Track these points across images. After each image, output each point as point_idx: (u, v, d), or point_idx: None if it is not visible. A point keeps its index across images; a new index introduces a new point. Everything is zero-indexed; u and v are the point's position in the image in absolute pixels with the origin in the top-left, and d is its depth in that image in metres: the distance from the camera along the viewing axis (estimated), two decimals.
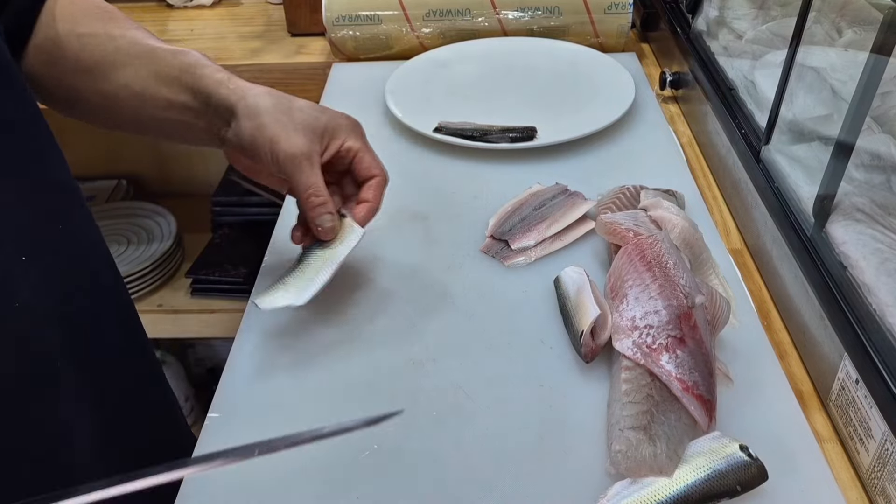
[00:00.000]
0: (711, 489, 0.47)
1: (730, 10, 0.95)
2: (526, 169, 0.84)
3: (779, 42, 0.84)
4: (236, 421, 0.57)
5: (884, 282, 0.53)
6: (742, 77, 0.84)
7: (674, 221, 0.65)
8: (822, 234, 0.60)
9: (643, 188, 0.75)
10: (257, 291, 0.65)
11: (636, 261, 0.59)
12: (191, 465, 0.44)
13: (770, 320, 0.67)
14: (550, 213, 0.73)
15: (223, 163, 1.58)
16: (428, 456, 0.53)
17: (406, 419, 0.55)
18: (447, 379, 0.59)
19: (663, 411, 0.50)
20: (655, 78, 1.04)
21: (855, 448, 0.53)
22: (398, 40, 1.10)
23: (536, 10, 1.09)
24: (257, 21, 1.32)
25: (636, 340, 0.54)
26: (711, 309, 0.57)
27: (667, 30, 1.07)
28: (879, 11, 0.55)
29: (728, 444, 0.49)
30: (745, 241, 0.76)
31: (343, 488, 0.51)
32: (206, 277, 1.39)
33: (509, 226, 0.72)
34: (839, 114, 0.59)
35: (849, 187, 0.62)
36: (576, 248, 0.72)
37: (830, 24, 0.81)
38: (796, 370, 0.62)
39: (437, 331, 0.62)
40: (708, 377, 0.52)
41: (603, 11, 1.08)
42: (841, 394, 0.55)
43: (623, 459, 0.49)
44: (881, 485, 0.50)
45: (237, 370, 0.61)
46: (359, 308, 0.66)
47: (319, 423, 0.55)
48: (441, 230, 0.75)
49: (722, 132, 0.83)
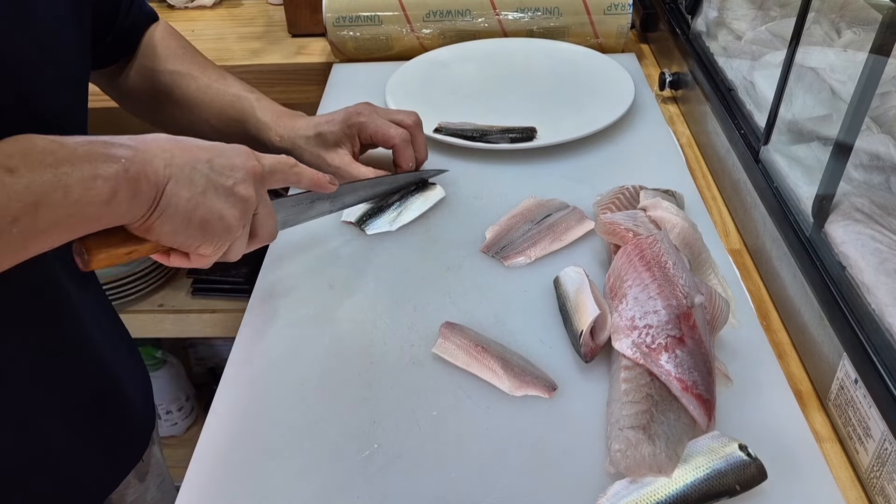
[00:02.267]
0: (711, 488, 0.47)
1: (729, 10, 0.96)
2: (526, 169, 0.84)
3: (778, 42, 0.84)
4: (237, 420, 0.57)
5: (883, 281, 0.53)
6: (741, 77, 0.84)
7: (673, 221, 0.65)
8: (821, 234, 0.60)
9: (643, 188, 0.75)
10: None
11: (635, 261, 0.59)
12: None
13: (769, 320, 0.67)
14: (548, 233, 0.72)
15: None
16: (428, 456, 0.53)
17: (406, 419, 0.56)
18: (447, 379, 0.59)
19: (663, 411, 0.50)
20: (655, 78, 1.04)
21: (854, 448, 0.53)
22: (398, 41, 1.10)
23: (536, 11, 1.09)
24: (258, 22, 1.32)
25: (636, 340, 0.54)
26: (711, 309, 0.57)
27: (666, 30, 1.08)
28: (878, 12, 0.55)
29: (727, 443, 0.49)
30: (745, 241, 0.76)
31: (343, 488, 0.51)
32: (207, 277, 1.39)
33: (506, 241, 0.72)
34: (838, 114, 0.59)
35: (848, 187, 0.62)
36: (575, 248, 0.72)
37: (829, 25, 0.81)
38: (795, 370, 0.62)
39: (437, 331, 0.62)
40: (707, 377, 0.52)
41: (602, 12, 1.08)
42: (840, 393, 0.55)
43: (622, 459, 0.49)
44: (880, 484, 0.50)
45: (238, 369, 0.61)
46: (359, 308, 0.66)
47: (319, 423, 0.56)
48: (441, 230, 0.75)
49: (721, 132, 0.83)
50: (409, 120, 0.78)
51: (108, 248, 0.50)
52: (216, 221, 0.52)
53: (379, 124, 0.77)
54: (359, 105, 0.79)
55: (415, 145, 0.79)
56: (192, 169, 0.50)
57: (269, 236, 0.59)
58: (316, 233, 0.75)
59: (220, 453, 0.54)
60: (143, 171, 0.47)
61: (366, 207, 0.76)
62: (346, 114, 0.77)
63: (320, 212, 0.69)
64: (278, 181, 0.59)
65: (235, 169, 0.53)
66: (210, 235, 0.52)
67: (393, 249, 0.73)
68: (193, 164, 0.51)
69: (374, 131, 0.77)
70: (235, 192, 0.53)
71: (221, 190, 0.52)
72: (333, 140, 0.77)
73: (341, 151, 0.77)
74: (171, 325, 1.39)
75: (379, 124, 0.77)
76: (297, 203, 0.67)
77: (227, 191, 0.52)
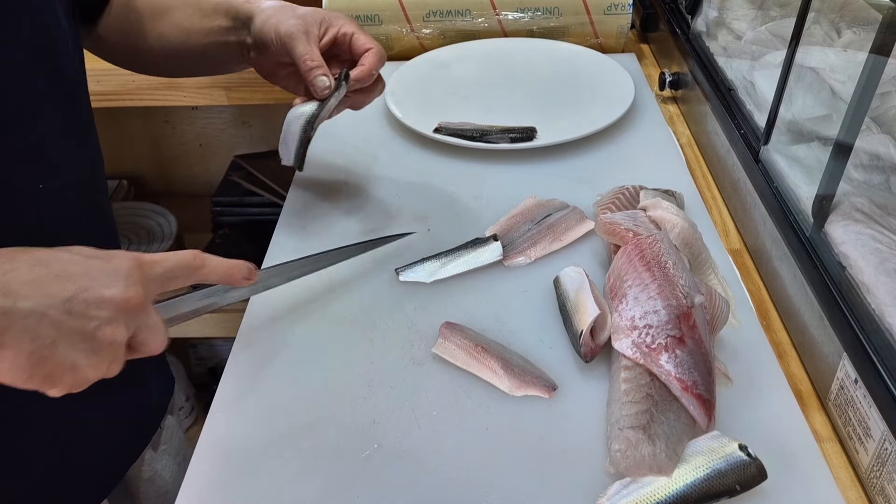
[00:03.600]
0: (711, 488, 0.47)
1: (729, 10, 0.96)
2: (526, 169, 0.84)
3: (778, 42, 0.84)
4: (237, 420, 0.57)
5: (883, 281, 0.53)
6: (741, 77, 0.84)
7: (673, 221, 0.65)
8: (821, 234, 0.60)
9: (643, 188, 0.75)
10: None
11: (635, 261, 0.59)
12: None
13: (769, 320, 0.67)
14: (548, 233, 0.72)
15: (223, 163, 1.58)
16: (428, 456, 0.53)
17: (406, 419, 0.56)
18: (447, 379, 0.59)
19: (662, 411, 0.50)
20: (655, 78, 1.04)
21: (854, 448, 0.53)
22: (398, 41, 1.10)
23: (536, 11, 1.09)
24: None
25: (635, 340, 0.54)
26: (711, 309, 0.57)
27: (666, 30, 1.08)
28: (878, 12, 0.55)
29: (727, 443, 0.49)
30: (745, 241, 0.76)
31: (343, 488, 0.51)
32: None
33: (506, 241, 0.72)
34: (838, 114, 0.59)
35: (848, 187, 0.62)
36: (575, 248, 0.72)
37: (829, 25, 0.81)
38: (795, 370, 0.62)
39: (437, 331, 0.62)
40: (707, 377, 0.52)
41: (602, 12, 1.08)
42: (840, 393, 0.55)
43: (622, 458, 0.49)
44: (880, 484, 0.50)
45: (238, 369, 0.61)
46: (359, 308, 0.66)
47: (319, 423, 0.56)
48: (441, 230, 0.75)
49: (721, 132, 0.83)
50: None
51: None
52: (66, 373, 0.44)
53: (363, 36, 0.72)
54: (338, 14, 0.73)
55: (376, 84, 0.74)
56: (41, 317, 0.42)
57: (154, 351, 0.49)
58: (316, 232, 0.75)
59: (220, 453, 0.54)
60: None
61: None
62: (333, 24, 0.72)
63: (238, 297, 0.60)
64: (178, 285, 0.52)
65: (102, 306, 0.44)
66: (59, 384, 0.44)
67: (393, 249, 0.72)
68: (43, 311, 0.42)
69: (355, 30, 0.72)
70: (97, 336, 0.44)
71: (78, 337, 0.43)
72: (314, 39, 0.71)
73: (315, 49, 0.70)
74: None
75: (363, 36, 0.72)
76: (207, 296, 0.59)
77: (85, 336, 0.44)
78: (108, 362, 0.46)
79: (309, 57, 0.69)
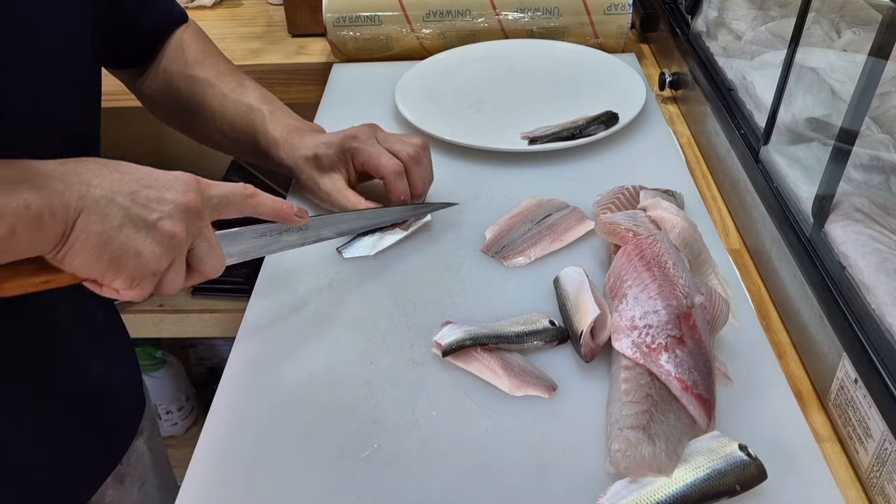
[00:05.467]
0: (710, 488, 0.47)
1: (729, 10, 0.96)
2: (526, 169, 0.84)
3: (778, 43, 0.84)
4: (237, 420, 0.57)
5: (883, 281, 0.53)
6: (741, 77, 0.84)
7: (673, 221, 0.65)
8: (821, 234, 0.60)
9: (642, 188, 0.75)
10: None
11: (635, 261, 0.59)
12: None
13: (769, 320, 0.67)
14: (548, 233, 0.72)
15: (224, 163, 1.58)
16: (428, 456, 0.53)
17: (406, 419, 0.56)
18: (447, 379, 0.59)
19: (662, 411, 0.50)
20: (655, 79, 1.04)
21: (854, 448, 0.53)
22: (398, 41, 1.10)
23: (536, 11, 1.09)
24: (258, 22, 1.32)
25: (635, 340, 0.54)
26: (710, 309, 0.57)
27: (666, 30, 1.08)
28: (878, 12, 0.55)
29: (727, 443, 0.49)
30: (745, 241, 0.76)
31: (343, 488, 0.51)
32: None
33: (506, 241, 0.72)
34: (838, 114, 0.59)
35: (848, 187, 0.62)
36: (575, 248, 0.72)
37: (829, 25, 0.81)
38: (795, 370, 0.62)
39: (437, 331, 0.62)
40: (707, 377, 0.52)
41: (602, 12, 1.08)
42: (840, 393, 0.55)
43: (622, 459, 0.49)
44: (880, 484, 0.50)
45: (238, 369, 0.61)
46: (359, 307, 0.66)
47: (320, 423, 0.56)
48: (441, 230, 0.75)
49: (721, 133, 0.83)
50: (407, 150, 0.72)
51: (19, 277, 0.47)
52: (131, 258, 0.47)
53: (371, 152, 0.71)
54: (359, 127, 0.74)
55: (410, 178, 0.72)
56: (109, 202, 0.46)
57: (212, 271, 0.54)
58: None
59: (220, 453, 0.54)
60: (50, 204, 0.44)
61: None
62: (343, 136, 0.73)
63: (290, 244, 0.63)
64: (231, 212, 0.55)
65: (163, 202, 0.49)
66: (124, 271, 0.48)
67: (393, 249, 0.73)
68: (112, 197, 0.47)
69: (366, 159, 0.72)
70: (159, 227, 0.48)
71: (141, 224, 0.48)
72: (328, 163, 0.73)
73: (335, 176, 0.73)
74: (171, 325, 1.39)
75: (371, 152, 0.71)
76: (261, 235, 0.61)
77: (148, 225, 0.48)
78: (168, 258, 0.49)
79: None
